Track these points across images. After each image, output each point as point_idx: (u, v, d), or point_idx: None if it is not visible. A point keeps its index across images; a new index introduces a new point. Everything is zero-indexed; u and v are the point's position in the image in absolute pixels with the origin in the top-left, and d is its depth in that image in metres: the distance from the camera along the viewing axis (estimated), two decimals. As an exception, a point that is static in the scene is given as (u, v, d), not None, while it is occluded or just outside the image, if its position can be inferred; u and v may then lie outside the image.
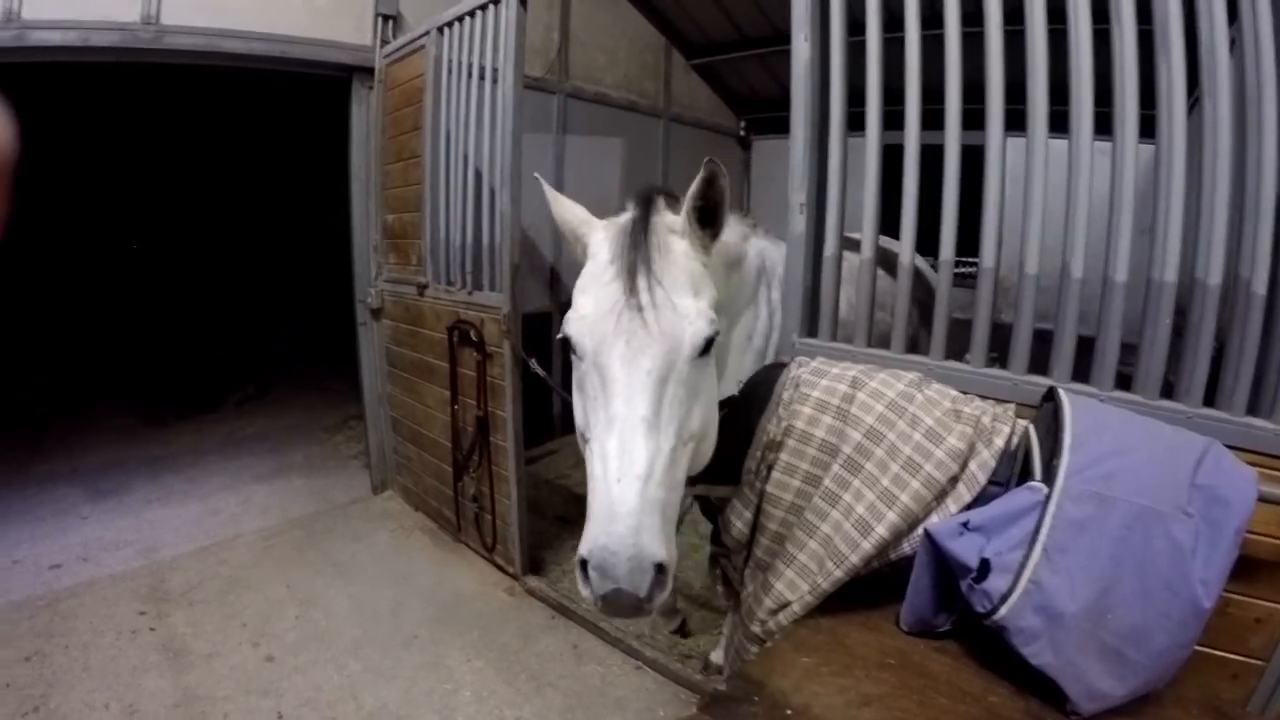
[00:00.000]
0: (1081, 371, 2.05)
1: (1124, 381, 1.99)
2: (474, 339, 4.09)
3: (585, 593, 1.43)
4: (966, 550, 1.54)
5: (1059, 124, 2.06)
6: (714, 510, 2.23)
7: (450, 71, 4.31)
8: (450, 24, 4.28)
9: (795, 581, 1.87)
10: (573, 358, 1.68)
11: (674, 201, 1.88)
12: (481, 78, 4.05)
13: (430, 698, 3.25)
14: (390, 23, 5.08)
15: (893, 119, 2.36)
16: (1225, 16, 1.76)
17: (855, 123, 2.38)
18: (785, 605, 1.86)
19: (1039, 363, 2.12)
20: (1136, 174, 1.94)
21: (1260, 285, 1.74)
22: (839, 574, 1.79)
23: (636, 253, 1.66)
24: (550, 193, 2.00)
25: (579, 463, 5.91)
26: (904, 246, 2.33)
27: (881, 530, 1.76)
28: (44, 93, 7.12)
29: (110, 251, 9.17)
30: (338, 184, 5.42)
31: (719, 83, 7.72)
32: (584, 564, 1.42)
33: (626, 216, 1.81)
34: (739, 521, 2.06)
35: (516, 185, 3.79)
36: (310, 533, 4.93)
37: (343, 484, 5.80)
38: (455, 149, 4.30)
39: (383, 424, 5.53)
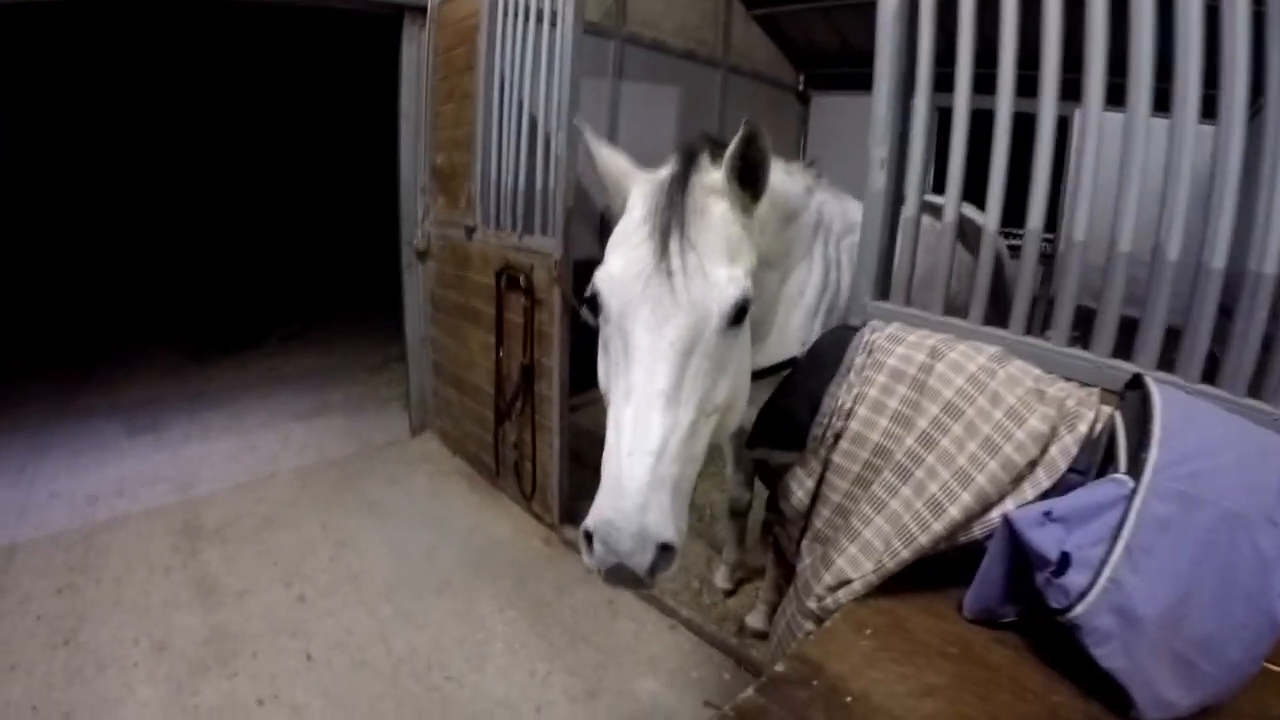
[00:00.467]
0: (1166, 359, 1.97)
1: (1208, 373, 1.92)
2: (523, 284, 4.07)
3: (588, 562, 1.44)
4: (1047, 541, 1.48)
5: (1160, 101, 1.95)
6: (773, 475, 2.18)
7: (505, 11, 4.21)
8: (507, -38, 4.16)
9: (858, 558, 1.81)
10: (600, 318, 1.64)
11: (721, 153, 1.77)
12: (539, 20, 3.93)
13: (461, 646, 3.30)
14: (445, -41, 4.95)
15: (981, 83, 2.23)
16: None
17: (940, 84, 2.27)
18: (846, 582, 1.81)
19: (1121, 347, 2.04)
20: (1240, 154, 1.83)
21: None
22: (906, 554, 1.74)
23: (671, 213, 1.61)
24: (593, 141, 1.95)
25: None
26: (990, 215, 2.22)
27: (954, 511, 1.70)
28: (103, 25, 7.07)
29: (159, 182, 9.22)
30: (388, 123, 5.36)
31: (779, 34, 7.46)
32: (588, 535, 1.42)
33: (665, 171, 1.74)
34: (800, 490, 2.01)
35: (573, 129, 3.70)
36: (347, 473, 5.00)
37: (382, 425, 5.87)
38: (509, 91, 4.23)
39: (425, 367, 5.57)
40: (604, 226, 6.11)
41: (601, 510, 1.39)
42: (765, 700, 1.42)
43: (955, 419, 1.75)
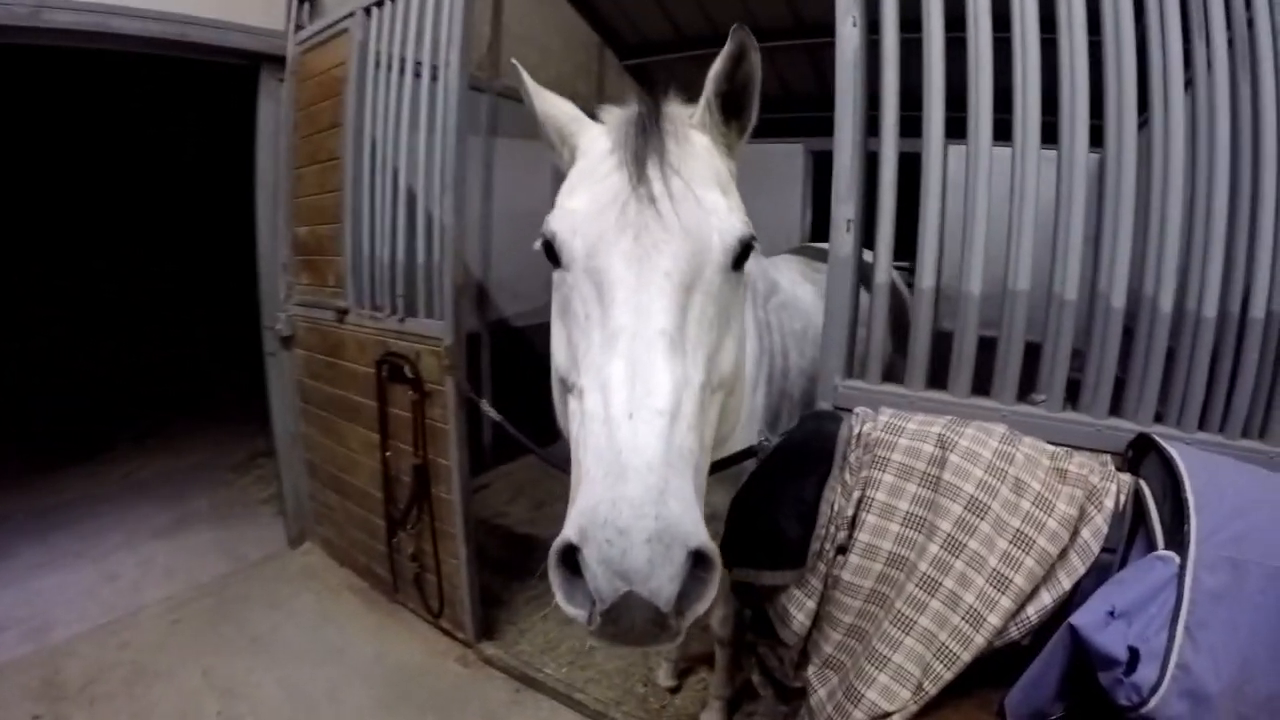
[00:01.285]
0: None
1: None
2: (409, 375, 3.79)
3: (570, 609, 1.08)
4: (1114, 642, 1.44)
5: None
6: (756, 596, 2.01)
7: (377, 62, 3.99)
8: (380, 3, 3.95)
9: (892, 689, 1.71)
10: (553, 274, 1.43)
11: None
12: (417, 74, 3.74)
13: (392, 812, 2.92)
14: (306, 5, 4.71)
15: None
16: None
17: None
18: (883, 716, 1.70)
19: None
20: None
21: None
22: (948, 676, 1.66)
23: (647, 139, 1.39)
24: (531, 85, 1.76)
25: (515, 497, 5.68)
26: (923, 266, 2.22)
27: (994, 620, 1.64)
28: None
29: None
30: (243, 188, 4.98)
31: (651, 85, 7.55)
32: (568, 553, 1.06)
33: (631, 109, 1.54)
34: (799, 614, 1.90)
35: (460, 193, 3.53)
36: (222, 600, 4.52)
37: (254, 536, 5.39)
38: (383, 150, 3.98)
39: (297, 467, 5.13)
40: (483, 298, 5.93)
41: (594, 506, 1.04)
42: None
43: (981, 516, 1.68)
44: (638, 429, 1.11)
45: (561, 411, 1.46)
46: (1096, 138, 2.02)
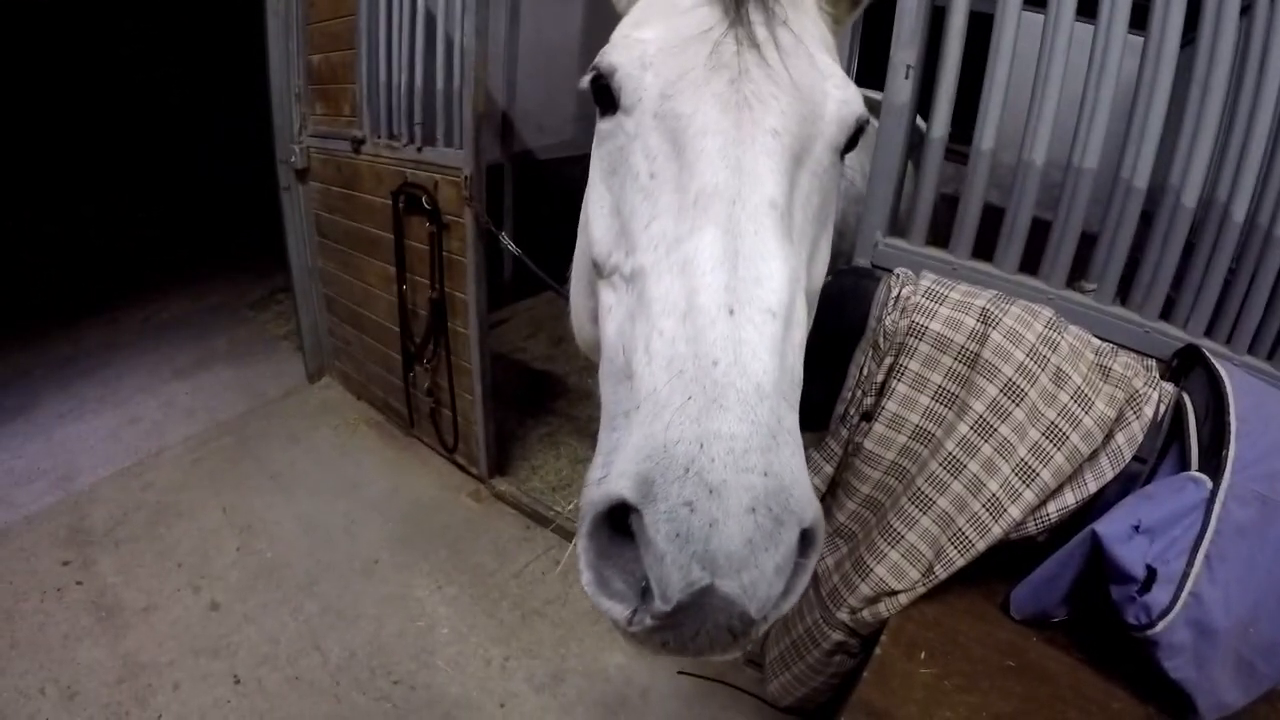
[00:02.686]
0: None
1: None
2: (426, 205, 3.74)
3: (604, 600, 0.80)
4: (1134, 557, 1.46)
5: None
6: None
7: None
8: None
9: (902, 567, 1.72)
10: (600, 123, 1.15)
11: None
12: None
13: (403, 640, 3.18)
14: None
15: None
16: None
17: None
18: (889, 594, 1.73)
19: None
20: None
21: None
22: (961, 562, 1.67)
23: None
24: None
25: (534, 333, 5.68)
26: (983, 128, 2.09)
27: (1015, 512, 1.64)
28: None
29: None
30: (254, 15, 4.69)
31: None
32: (616, 514, 0.79)
33: None
34: (815, 478, 1.89)
35: (482, 15, 3.32)
36: (242, 437, 4.69)
37: (274, 372, 5.53)
38: (398, -34, 3.73)
39: (315, 303, 5.20)
40: (507, 128, 5.72)
41: (663, 446, 0.76)
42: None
43: (1016, 402, 1.64)
44: (742, 331, 0.83)
45: (584, 308, 1.29)
46: (1188, 26, 1.84)
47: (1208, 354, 1.70)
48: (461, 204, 3.58)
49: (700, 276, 0.86)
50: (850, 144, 1.14)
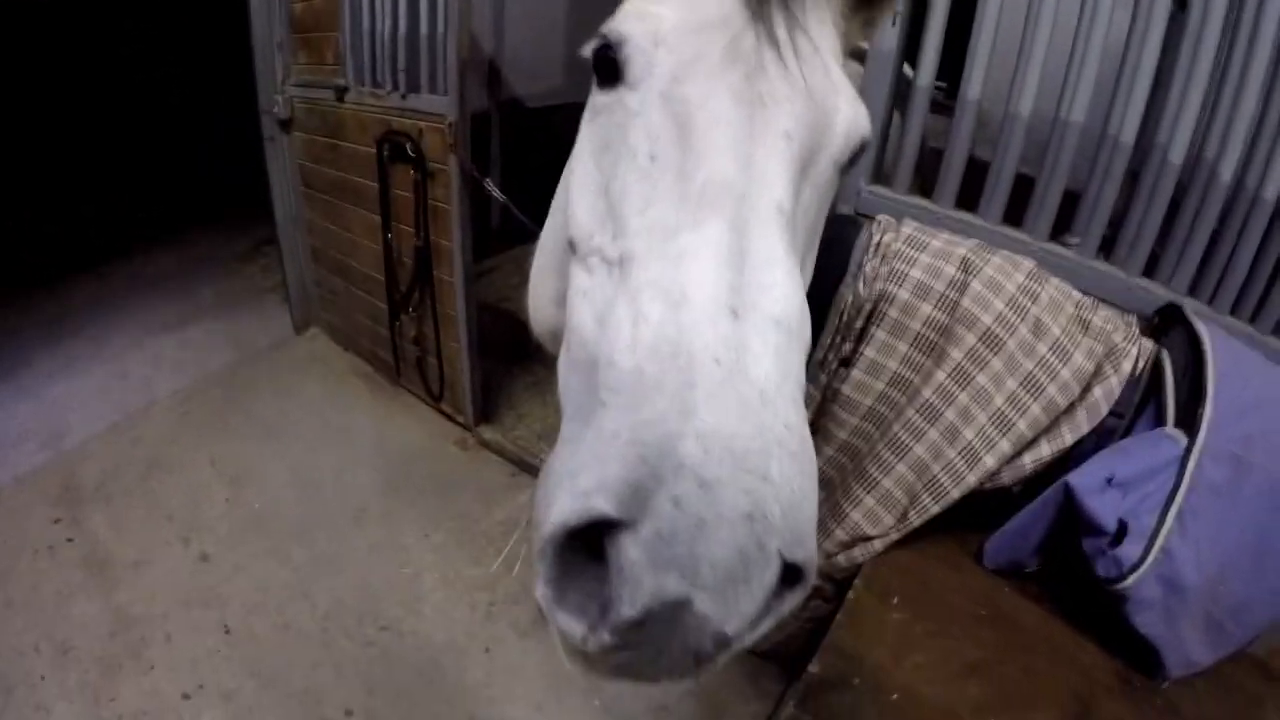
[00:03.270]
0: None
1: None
2: (411, 154, 3.70)
3: (561, 615, 0.71)
4: (1106, 510, 1.49)
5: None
6: None
7: None
8: None
9: (877, 513, 1.75)
10: (596, 96, 1.08)
11: None
12: None
13: (391, 588, 3.22)
14: None
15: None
16: None
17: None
18: (863, 539, 1.76)
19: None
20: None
21: None
22: (935, 509, 1.70)
23: None
24: None
25: (522, 282, 5.69)
26: (970, 76, 2.08)
27: (990, 461, 1.66)
28: None
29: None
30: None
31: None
32: (589, 529, 0.68)
33: None
34: None
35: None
36: (230, 389, 4.68)
37: (261, 324, 5.48)
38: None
39: (301, 254, 5.15)
40: (494, 76, 5.62)
41: (658, 439, 0.68)
42: (808, 715, 1.39)
43: (994, 351, 1.65)
44: (747, 338, 0.77)
45: (549, 290, 1.25)
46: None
47: (1189, 313, 1.72)
48: (446, 151, 3.54)
49: (702, 270, 0.80)
50: (852, 161, 1.09)
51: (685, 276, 0.80)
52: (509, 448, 4.05)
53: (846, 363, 1.80)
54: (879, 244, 1.78)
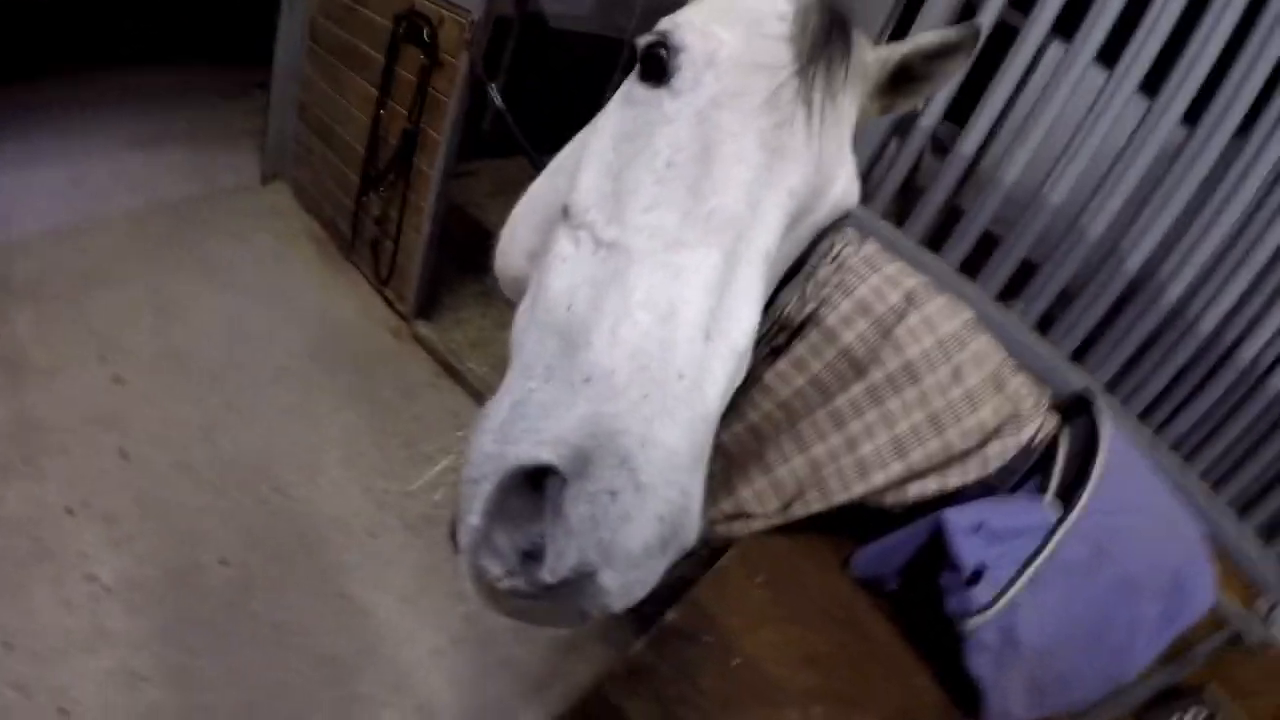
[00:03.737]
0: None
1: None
2: (425, 39, 3.66)
3: (481, 559, 0.81)
4: (970, 551, 1.61)
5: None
6: None
7: None
8: None
9: (766, 495, 1.84)
10: (638, 86, 1.12)
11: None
12: None
13: (294, 451, 3.26)
14: None
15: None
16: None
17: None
18: (746, 516, 1.85)
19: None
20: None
21: None
22: (818, 507, 1.80)
23: (830, 41, 1.13)
24: None
25: (496, 193, 5.65)
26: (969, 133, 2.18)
27: (879, 478, 1.76)
28: None
29: None
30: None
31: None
32: (528, 474, 0.80)
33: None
34: None
35: None
36: (184, 221, 4.56)
37: (230, 164, 5.33)
38: None
39: (290, 106, 5.03)
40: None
41: (610, 432, 0.78)
42: (656, 657, 1.50)
43: (912, 382, 1.76)
44: (712, 360, 0.89)
45: (524, 242, 1.29)
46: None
47: (1098, 405, 1.83)
48: (460, 46, 3.52)
49: (694, 291, 0.89)
50: (829, 228, 1.20)
51: (677, 294, 0.89)
52: (439, 348, 4.09)
53: (776, 352, 1.88)
54: (838, 254, 1.86)
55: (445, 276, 4.56)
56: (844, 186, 1.14)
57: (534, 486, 0.80)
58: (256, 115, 5.70)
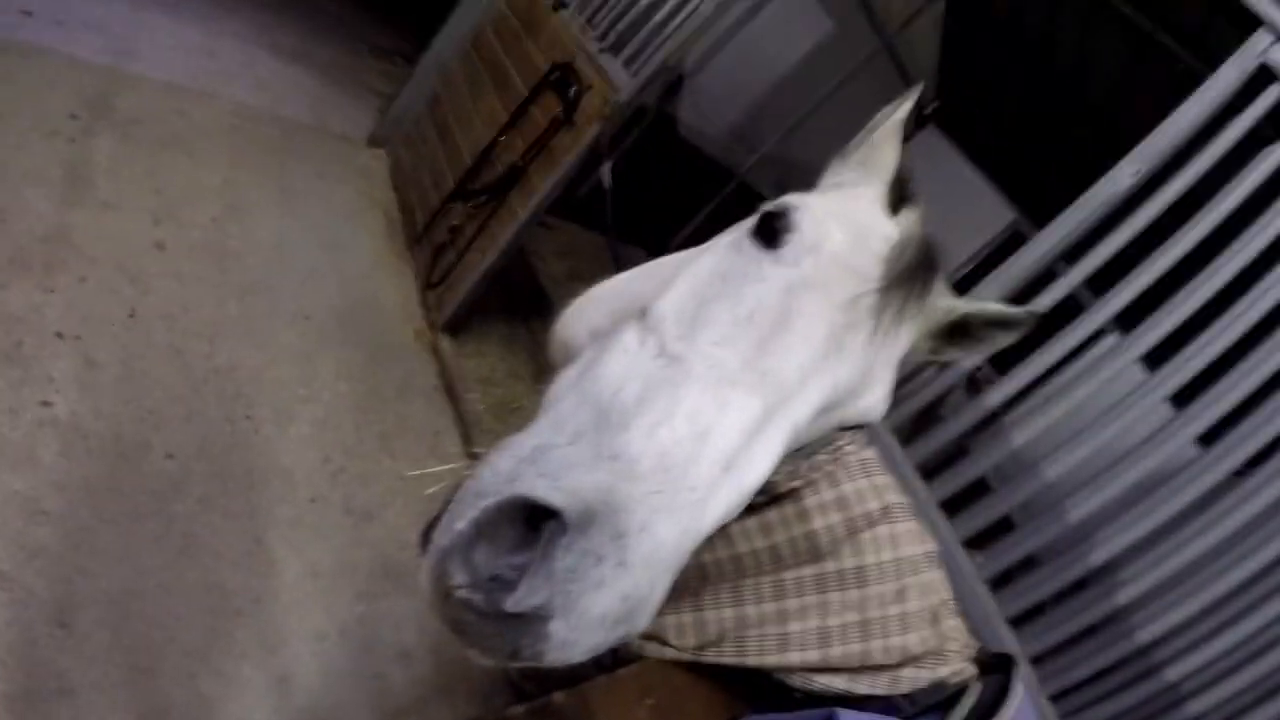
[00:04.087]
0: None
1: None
2: (569, 96, 3.86)
3: (451, 568, 0.83)
4: None
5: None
6: None
7: None
8: None
9: (686, 630, 1.86)
10: (747, 240, 1.24)
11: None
12: None
13: (279, 392, 3.32)
14: None
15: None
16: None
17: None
18: (660, 641, 1.88)
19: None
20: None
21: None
22: (728, 660, 1.82)
23: (916, 277, 1.28)
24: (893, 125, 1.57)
25: (562, 254, 5.82)
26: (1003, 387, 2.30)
27: (794, 658, 1.78)
28: None
29: None
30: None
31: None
32: (527, 511, 0.84)
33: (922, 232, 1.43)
34: None
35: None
36: (285, 141, 4.74)
37: (347, 114, 5.56)
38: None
39: (425, 90, 5.29)
40: (675, 86, 5.81)
41: (617, 501, 0.85)
42: (529, 722, 1.51)
43: (858, 586, 1.80)
44: (722, 490, 1.00)
45: (590, 320, 1.40)
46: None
47: (1017, 674, 1.88)
48: (596, 118, 3.73)
49: (730, 426, 0.99)
50: (846, 429, 1.37)
51: (717, 422, 0.98)
52: (451, 367, 4.17)
53: (749, 510, 1.96)
54: (839, 448, 1.96)
55: (484, 308, 4.67)
56: (876, 400, 1.30)
57: (528, 523, 0.85)
58: (391, 81, 5.96)
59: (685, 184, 6.89)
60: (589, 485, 0.85)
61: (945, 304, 1.46)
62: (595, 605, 0.82)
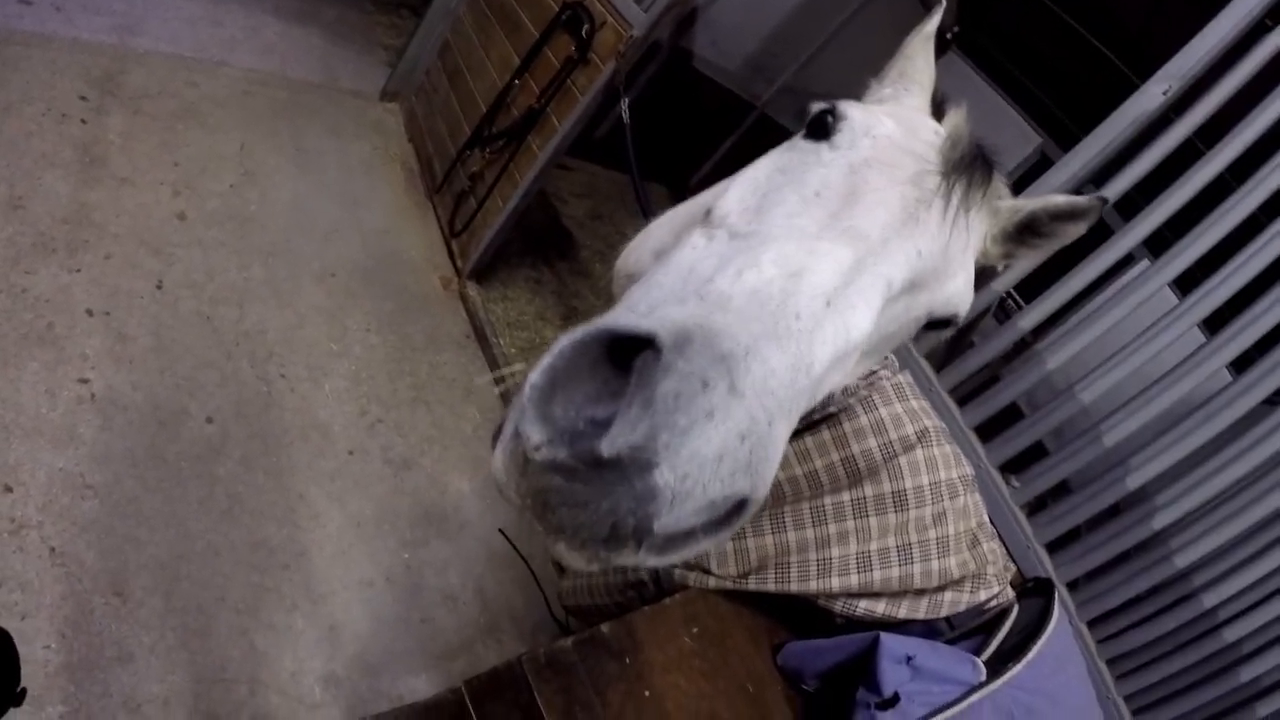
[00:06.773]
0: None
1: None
2: (582, 34, 3.81)
3: (529, 422, 0.70)
4: (892, 678, 1.66)
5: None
6: None
7: None
8: None
9: (727, 559, 1.90)
10: (802, 140, 1.22)
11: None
12: None
13: (311, 349, 3.36)
14: None
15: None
16: None
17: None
18: (703, 570, 1.92)
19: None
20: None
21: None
22: (770, 588, 1.86)
23: (972, 166, 1.22)
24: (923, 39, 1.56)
25: (583, 195, 5.79)
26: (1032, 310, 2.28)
27: (835, 583, 1.82)
28: None
29: None
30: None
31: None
32: (618, 348, 0.72)
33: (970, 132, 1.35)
34: None
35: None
36: (296, 101, 4.71)
37: (357, 70, 5.48)
38: None
39: (434, 40, 5.19)
40: (689, 21, 5.69)
41: (715, 328, 0.74)
42: (578, 658, 1.56)
43: (897, 510, 1.83)
44: (826, 325, 0.87)
45: (654, 242, 1.40)
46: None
47: (1058, 596, 1.90)
48: (611, 54, 3.66)
49: (825, 265, 0.90)
50: (933, 325, 1.25)
51: (808, 262, 0.90)
52: (479, 313, 4.20)
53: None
54: (875, 373, 1.97)
55: (508, 252, 4.68)
56: (961, 287, 1.21)
57: (618, 364, 0.72)
58: (399, 34, 5.87)
59: (704, 119, 6.83)
60: (680, 314, 0.75)
61: (1010, 204, 1.43)
62: (710, 442, 0.68)
